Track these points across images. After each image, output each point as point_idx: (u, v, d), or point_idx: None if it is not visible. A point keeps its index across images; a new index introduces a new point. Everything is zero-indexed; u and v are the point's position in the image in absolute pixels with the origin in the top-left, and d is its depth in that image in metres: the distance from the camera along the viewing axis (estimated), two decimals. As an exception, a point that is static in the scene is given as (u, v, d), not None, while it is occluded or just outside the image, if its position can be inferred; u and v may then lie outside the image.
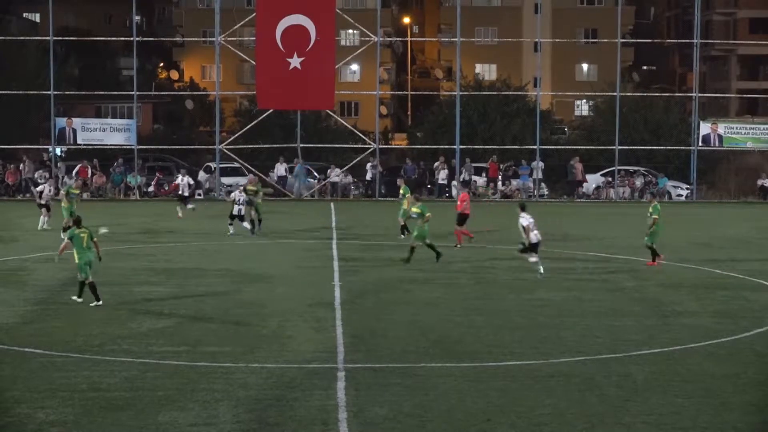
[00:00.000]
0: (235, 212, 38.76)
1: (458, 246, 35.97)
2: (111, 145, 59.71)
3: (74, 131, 58.98)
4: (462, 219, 37.13)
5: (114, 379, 18.59)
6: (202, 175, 60.24)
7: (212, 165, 60.31)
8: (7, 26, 77.44)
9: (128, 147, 59.14)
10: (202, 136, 71.24)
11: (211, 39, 62.39)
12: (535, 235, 30.16)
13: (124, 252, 34.93)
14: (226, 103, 70.13)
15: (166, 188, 58.26)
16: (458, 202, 38.28)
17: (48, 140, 60.29)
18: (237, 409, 16.90)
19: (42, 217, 39.65)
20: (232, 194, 41.18)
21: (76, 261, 25.31)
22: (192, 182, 48.46)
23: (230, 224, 39.07)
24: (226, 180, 59.25)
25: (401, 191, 39.46)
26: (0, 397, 17.37)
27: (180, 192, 46.50)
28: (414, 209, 32.94)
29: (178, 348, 20.97)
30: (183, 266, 32.23)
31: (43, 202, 39.94)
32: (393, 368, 19.55)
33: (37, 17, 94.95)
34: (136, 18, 62.36)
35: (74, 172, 58.86)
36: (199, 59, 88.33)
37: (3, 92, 60.20)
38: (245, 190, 39.46)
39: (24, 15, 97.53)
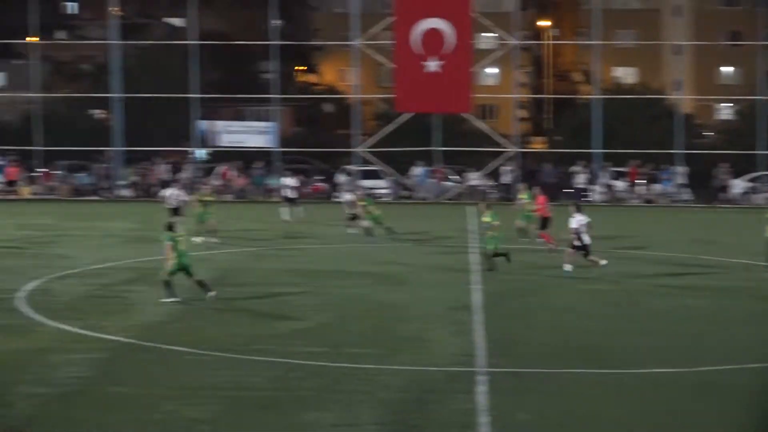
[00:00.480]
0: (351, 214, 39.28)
1: (551, 247, 35.89)
2: (252, 147, 60.66)
3: (217, 134, 60.11)
4: (544, 222, 36.92)
5: (258, 378, 18.87)
6: (341, 178, 60.76)
7: (350, 168, 60.82)
8: (152, 31, 79.33)
9: (269, 149, 59.99)
10: (341, 139, 71.86)
11: (349, 43, 62.88)
12: (587, 237, 30.56)
13: (267, 253, 35.46)
14: (365, 106, 70.57)
15: (307, 190, 59.00)
16: (538, 206, 37.87)
17: (192, 143, 61.52)
18: (378, 410, 17.00)
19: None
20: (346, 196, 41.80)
21: (173, 263, 25.85)
22: (297, 184, 47.51)
23: (349, 226, 39.58)
24: (364, 183, 59.69)
25: (521, 195, 39.24)
26: (148, 393, 17.78)
27: (284, 195, 45.75)
28: (484, 218, 32.37)
29: (320, 349, 21.18)
30: (324, 268, 32.57)
31: (173, 205, 39.93)
32: (534, 373, 19.44)
33: (180, 22, 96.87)
34: (276, 22, 63.21)
35: (217, 174, 60.07)
36: (338, 62, 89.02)
37: (148, 95, 61.63)
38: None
39: (167, 20, 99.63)
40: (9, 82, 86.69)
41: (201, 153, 62.37)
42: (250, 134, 60.94)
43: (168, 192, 40.57)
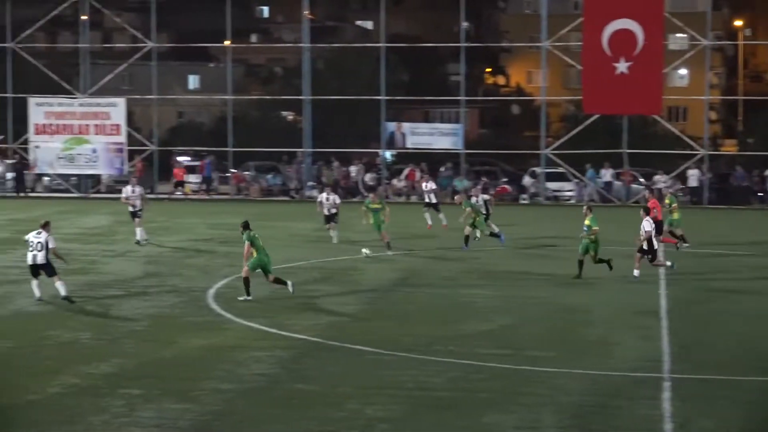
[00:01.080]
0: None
1: (679, 246, 35.23)
2: (438, 149, 60.91)
3: (403, 135, 60.58)
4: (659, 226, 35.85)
5: (439, 378, 18.93)
6: (527, 180, 60.46)
7: (537, 170, 60.44)
8: (342, 34, 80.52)
9: (455, 151, 60.14)
10: (528, 141, 71.46)
11: (537, 44, 62.49)
12: (657, 240, 30.04)
13: (449, 255, 35.53)
14: (552, 108, 70.03)
15: (492, 192, 58.93)
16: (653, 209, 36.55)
17: (378, 144, 62.12)
18: (560, 414, 16.85)
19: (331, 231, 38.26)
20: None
21: (252, 260, 26.34)
22: (435, 187, 44.50)
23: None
24: (551, 185, 59.24)
25: (667, 200, 37.94)
26: (332, 392, 18.03)
27: (427, 199, 43.14)
28: (586, 222, 30.20)
29: (502, 351, 21.12)
30: (508, 269, 32.45)
31: (325, 212, 38.22)
32: (720, 380, 18.96)
33: (370, 25, 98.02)
34: (464, 24, 63.29)
35: (402, 176, 60.55)
36: (526, 64, 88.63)
37: (337, 97, 62.51)
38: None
39: (357, 23, 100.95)
40: (203, 85, 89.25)
41: (387, 155, 62.91)
42: (436, 136, 61.16)
43: (323, 196, 38.58)
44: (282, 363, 20.08)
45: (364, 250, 31.05)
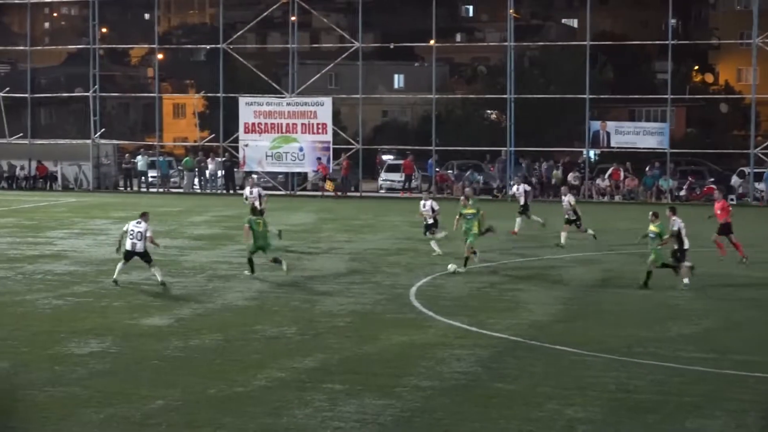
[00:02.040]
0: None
1: (720, 255, 33.23)
2: (643, 148, 59.90)
3: (608, 134, 59.81)
4: (722, 229, 33.85)
5: (641, 381, 18.64)
6: (735, 180, 58.86)
7: (746, 170, 58.77)
8: (547, 32, 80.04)
9: (661, 150, 59.04)
10: (736, 140, 69.53)
11: (748, 41, 60.73)
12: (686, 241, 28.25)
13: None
14: (762, 107, 67.87)
15: (698, 192, 57.62)
16: (716, 211, 34.46)
17: (582, 143, 61.51)
18: (766, 420, 16.38)
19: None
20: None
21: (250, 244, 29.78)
22: (528, 189, 41.75)
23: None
24: (759, 186, 57.49)
25: None
26: (532, 392, 17.98)
27: (523, 202, 40.36)
28: (652, 228, 28.37)
29: (705, 355, 20.66)
30: (713, 272, 31.62)
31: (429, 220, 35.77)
32: None
33: (575, 23, 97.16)
34: (672, 21, 62.03)
35: (606, 175, 59.83)
36: (735, 62, 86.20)
37: (542, 96, 62.19)
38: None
39: (563, 21, 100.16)
40: (407, 84, 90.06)
41: (591, 154, 62.22)
42: (641, 135, 60.13)
43: (425, 203, 35.50)
44: (482, 362, 20.12)
45: (450, 266, 30.28)
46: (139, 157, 66.13)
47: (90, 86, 65.33)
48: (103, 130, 65.42)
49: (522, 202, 40.24)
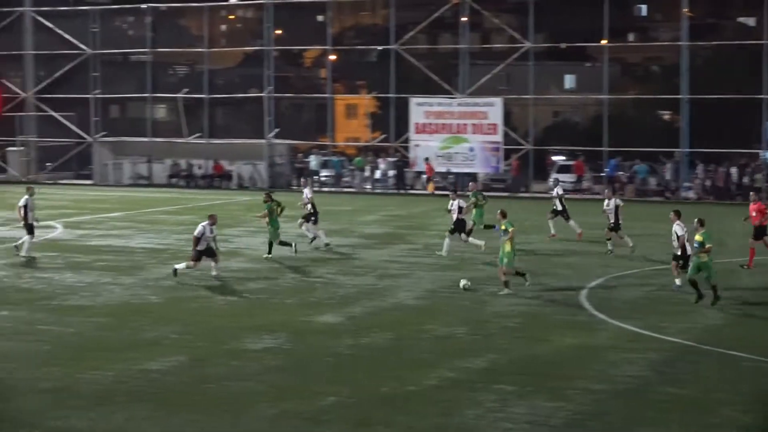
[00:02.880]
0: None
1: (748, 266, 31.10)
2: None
3: (785, 135, 58.16)
4: (757, 232, 31.83)
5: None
6: None
7: None
8: (722, 31, 78.13)
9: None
10: None
11: None
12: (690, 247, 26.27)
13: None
14: None
15: None
16: (751, 213, 32.47)
17: (759, 144, 59.94)
18: None
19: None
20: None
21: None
22: (562, 192, 40.80)
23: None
24: None
25: None
26: (706, 397, 17.64)
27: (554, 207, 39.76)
28: (697, 237, 25.79)
29: None
30: None
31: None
32: None
33: (752, 21, 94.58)
34: None
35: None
36: None
37: (717, 96, 60.80)
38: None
39: (739, 19, 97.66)
40: (579, 84, 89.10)
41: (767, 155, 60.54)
42: (821, 136, 58.30)
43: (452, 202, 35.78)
44: (654, 366, 19.82)
45: (462, 282, 28.97)
46: (312, 157, 67.14)
47: (264, 87, 66.63)
48: (277, 129, 66.63)
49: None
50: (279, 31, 68.95)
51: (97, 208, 46.25)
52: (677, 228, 27.20)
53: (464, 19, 64.50)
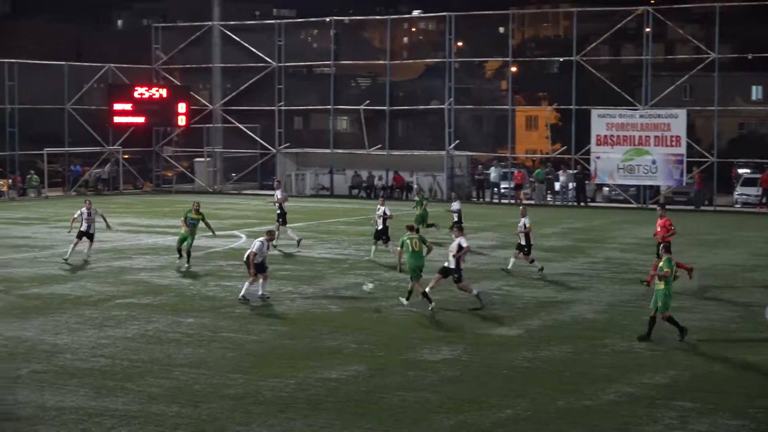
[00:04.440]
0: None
1: None
2: None
3: None
4: None
5: None
6: None
7: None
8: None
9: None
10: None
11: None
12: None
13: None
14: None
15: None
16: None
17: None
18: None
19: None
20: None
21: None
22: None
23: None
24: None
25: None
26: None
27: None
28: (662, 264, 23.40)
29: None
30: None
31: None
32: None
33: None
34: None
35: None
36: None
37: None
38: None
39: None
40: (766, 95, 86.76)
41: None
42: None
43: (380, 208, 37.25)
44: None
45: (365, 286, 28.47)
46: (492, 169, 67.14)
47: (445, 99, 66.99)
48: (457, 141, 66.86)
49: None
50: (460, 43, 69.24)
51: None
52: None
53: (648, 29, 63.54)
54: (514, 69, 69.18)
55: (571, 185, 64.06)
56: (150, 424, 16.45)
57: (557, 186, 64.72)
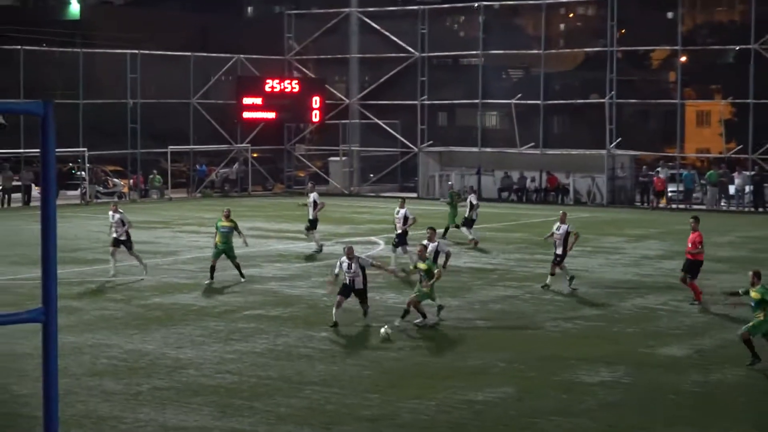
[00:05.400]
0: None
1: None
2: None
3: None
4: None
5: None
6: None
7: None
8: None
9: None
10: None
11: None
12: None
13: None
14: None
15: None
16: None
17: None
18: None
19: None
20: None
21: None
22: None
23: None
24: None
25: None
26: None
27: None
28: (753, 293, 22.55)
29: None
30: None
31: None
32: None
33: None
34: None
35: None
36: None
37: None
38: None
39: None
40: None
41: None
42: None
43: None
44: None
45: (382, 330, 24.78)
46: (658, 169, 66.24)
47: (606, 92, 66.30)
48: (619, 139, 66.13)
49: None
50: (623, 30, 68.47)
51: (419, 223, 47.30)
52: None
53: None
54: (683, 59, 68.10)
55: (747, 188, 62.79)
56: (278, 446, 16.65)
57: (732, 190, 63.51)
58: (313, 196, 40.53)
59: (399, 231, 36.68)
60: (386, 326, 24.49)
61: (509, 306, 29.10)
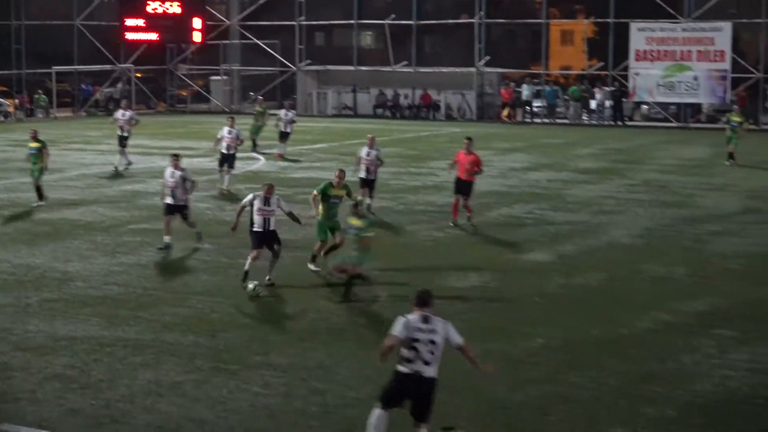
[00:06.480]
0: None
1: None
2: None
3: None
4: None
5: None
6: None
7: None
8: None
9: None
10: None
11: None
12: None
13: None
14: None
15: None
16: None
17: None
18: None
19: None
20: None
21: None
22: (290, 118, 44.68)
23: None
24: None
25: None
26: None
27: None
28: None
29: None
30: None
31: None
32: None
33: None
34: None
35: None
36: None
37: None
38: None
39: None
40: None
41: None
42: None
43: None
44: None
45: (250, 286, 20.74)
46: (524, 86, 66.76)
47: (476, 12, 66.41)
48: (488, 58, 66.44)
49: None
50: (491, -48, 68.45)
51: (299, 139, 47.13)
52: None
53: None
54: (548, -20, 68.44)
55: (607, 103, 63.70)
56: (164, 353, 16.56)
57: (593, 104, 64.36)
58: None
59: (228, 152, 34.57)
60: (255, 282, 20.65)
61: (385, 216, 29.18)
